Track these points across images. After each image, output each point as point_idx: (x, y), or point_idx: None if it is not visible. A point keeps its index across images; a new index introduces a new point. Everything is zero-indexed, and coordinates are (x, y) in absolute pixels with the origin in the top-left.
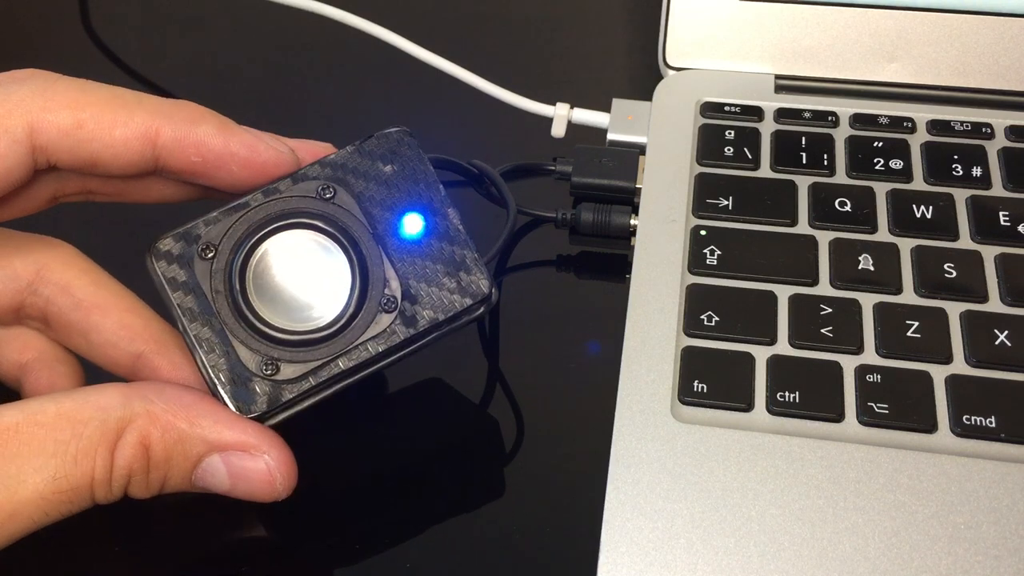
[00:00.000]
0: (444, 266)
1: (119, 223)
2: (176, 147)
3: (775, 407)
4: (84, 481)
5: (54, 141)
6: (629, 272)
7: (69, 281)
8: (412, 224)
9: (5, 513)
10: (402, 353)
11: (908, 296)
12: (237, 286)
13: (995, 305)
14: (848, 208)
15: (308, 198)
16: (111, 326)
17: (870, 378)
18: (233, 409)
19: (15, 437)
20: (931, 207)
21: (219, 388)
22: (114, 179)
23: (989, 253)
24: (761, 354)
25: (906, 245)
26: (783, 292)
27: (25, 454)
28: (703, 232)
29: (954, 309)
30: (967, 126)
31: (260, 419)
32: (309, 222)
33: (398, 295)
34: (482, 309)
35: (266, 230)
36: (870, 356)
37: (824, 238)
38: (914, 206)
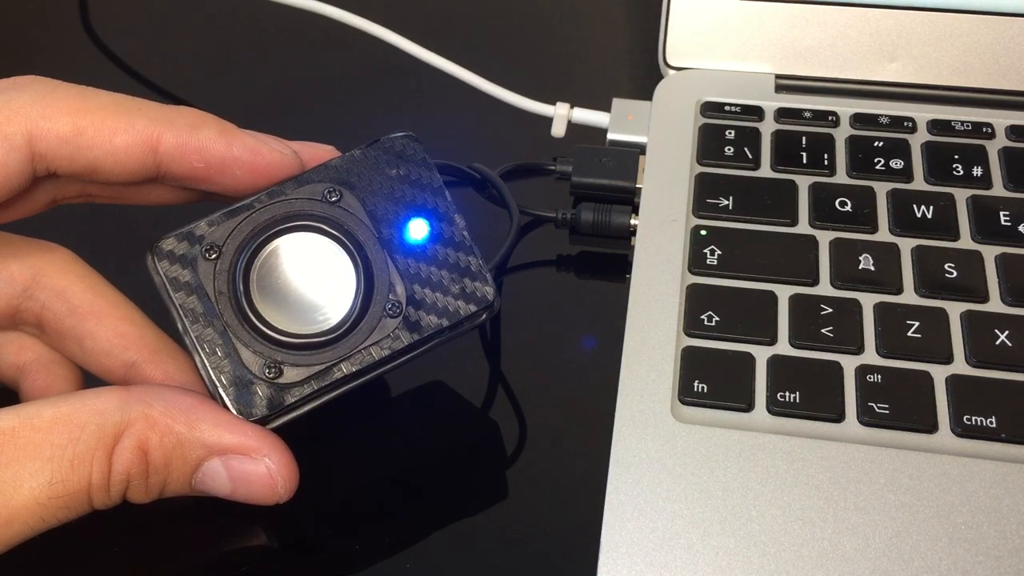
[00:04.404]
0: (449, 272)
1: (118, 223)
2: (178, 153)
3: (775, 407)
4: (81, 486)
5: (53, 148)
6: (629, 272)
7: (65, 287)
8: (418, 229)
9: (2, 519)
10: (405, 358)
11: (908, 296)
12: (241, 288)
13: (996, 305)
14: (848, 208)
15: (313, 201)
16: (105, 333)
17: (870, 378)
18: (234, 412)
19: (11, 441)
20: (932, 207)
21: (220, 390)
22: (115, 184)
23: (990, 253)
24: (761, 354)
25: (906, 245)
26: (783, 292)
27: (21, 459)
28: (703, 232)
29: (955, 309)
30: (967, 126)
31: (261, 422)
32: (314, 225)
33: (403, 300)
34: (485, 315)
35: (271, 232)
36: (870, 356)
37: (824, 238)
38: (914, 206)
